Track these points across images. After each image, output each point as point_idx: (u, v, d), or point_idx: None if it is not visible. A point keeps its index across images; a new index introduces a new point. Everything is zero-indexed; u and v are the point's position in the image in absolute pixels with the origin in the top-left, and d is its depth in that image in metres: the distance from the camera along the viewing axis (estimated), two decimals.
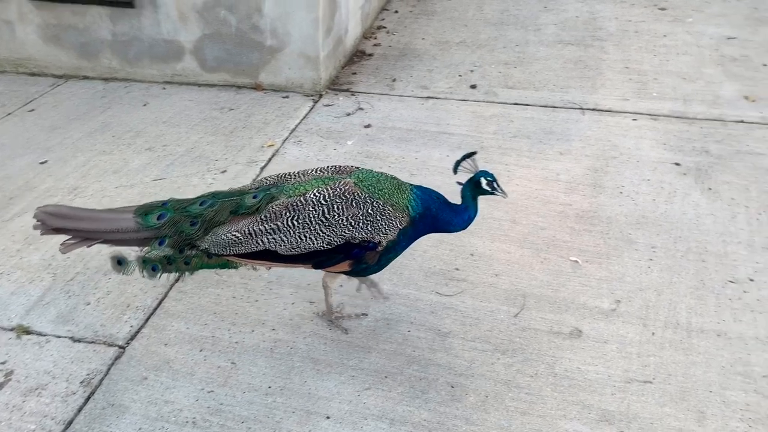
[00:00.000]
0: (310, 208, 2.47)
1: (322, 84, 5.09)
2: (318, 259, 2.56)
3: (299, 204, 2.48)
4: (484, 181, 2.61)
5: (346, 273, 2.71)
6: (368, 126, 4.64)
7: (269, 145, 4.45)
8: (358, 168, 2.65)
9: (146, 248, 2.59)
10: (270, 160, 4.31)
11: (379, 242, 2.53)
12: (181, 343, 2.98)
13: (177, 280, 3.29)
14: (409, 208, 2.56)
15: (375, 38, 5.92)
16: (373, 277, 2.97)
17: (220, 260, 2.60)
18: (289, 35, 4.93)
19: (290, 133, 4.60)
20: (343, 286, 3.23)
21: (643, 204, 3.77)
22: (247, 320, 3.10)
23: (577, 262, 3.39)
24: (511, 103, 4.83)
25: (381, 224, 2.50)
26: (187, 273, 2.72)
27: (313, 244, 2.49)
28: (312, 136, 4.57)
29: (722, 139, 4.29)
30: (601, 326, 3.04)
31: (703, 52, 5.35)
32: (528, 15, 6.17)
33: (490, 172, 2.64)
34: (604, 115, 4.62)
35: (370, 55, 5.64)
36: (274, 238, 2.49)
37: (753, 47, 5.39)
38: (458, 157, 2.68)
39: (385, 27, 6.14)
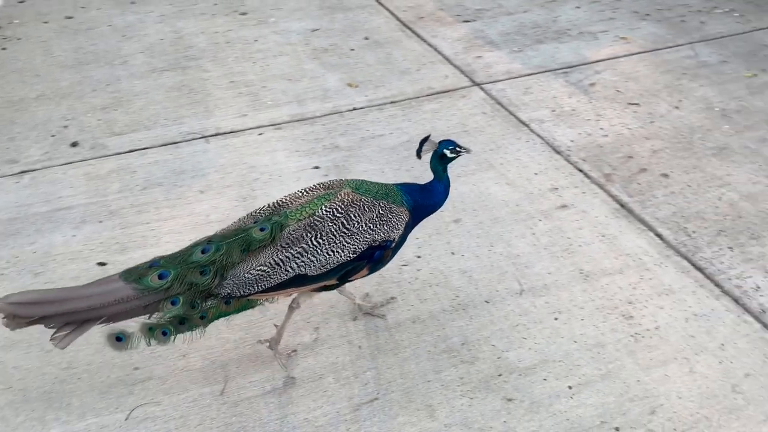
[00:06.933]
0: (329, 224, 2.53)
1: None
2: (344, 270, 2.60)
3: (317, 223, 2.52)
4: (448, 152, 2.74)
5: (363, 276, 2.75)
6: None
7: None
8: (343, 179, 2.74)
9: (156, 314, 2.43)
10: None
11: (394, 239, 2.66)
12: None
13: None
14: (404, 203, 2.69)
15: None
16: None
17: (240, 303, 2.54)
18: None
19: None
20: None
21: None
22: None
23: (262, 304, 3.13)
24: (126, 152, 4.24)
25: (393, 222, 2.63)
26: (200, 328, 2.53)
27: (341, 256, 2.54)
28: None
29: (345, 131, 4.43)
30: (311, 362, 2.87)
31: (297, 50, 5.47)
32: (108, 48, 5.52)
33: (450, 140, 2.77)
34: (229, 138, 4.38)
35: None
36: (303, 261, 2.50)
37: (336, 35, 5.70)
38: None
39: None
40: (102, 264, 3.36)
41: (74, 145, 4.33)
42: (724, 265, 3.33)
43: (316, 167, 4.07)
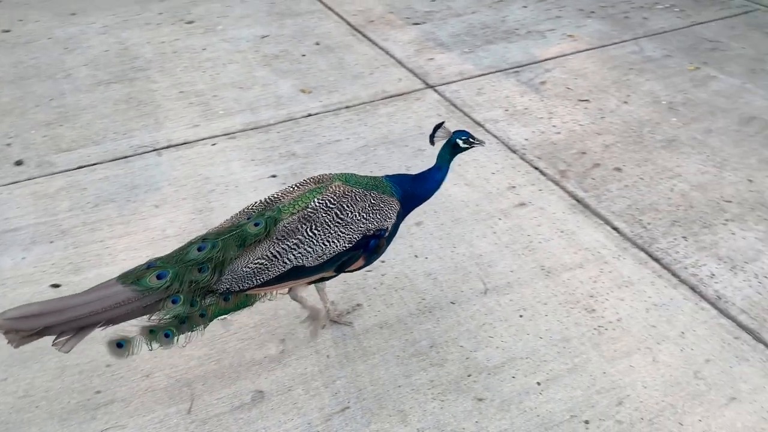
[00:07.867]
0: (323, 215, 2.55)
1: None
2: (341, 261, 2.63)
3: (311, 214, 2.55)
4: (461, 142, 2.77)
5: (359, 268, 2.78)
6: None
7: None
8: (332, 173, 2.76)
9: (157, 314, 2.43)
10: None
11: (387, 228, 2.69)
12: None
13: None
14: (394, 193, 2.73)
15: None
16: None
17: (238, 299, 2.57)
18: None
19: None
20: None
21: None
22: None
23: (225, 318, 3.06)
24: (74, 169, 4.11)
25: (385, 211, 2.66)
26: (202, 327, 2.55)
27: (337, 246, 2.57)
28: None
29: (301, 138, 4.39)
30: (279, 375, 2.81)
31: (247, 57, 5.40)
32: (50, 62, 5.34)
33: (464, 130, 2.79)
34: (182, 149, 4.28)
35: None
36: (300, 252, 2.53)
37: (286, 41, 5.64)
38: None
39: None
40: (56, 286, 3.24)
41: (19, 163, 4.16)
42: (680, 254, 3.42)
43: (273, 176, 4.02)
